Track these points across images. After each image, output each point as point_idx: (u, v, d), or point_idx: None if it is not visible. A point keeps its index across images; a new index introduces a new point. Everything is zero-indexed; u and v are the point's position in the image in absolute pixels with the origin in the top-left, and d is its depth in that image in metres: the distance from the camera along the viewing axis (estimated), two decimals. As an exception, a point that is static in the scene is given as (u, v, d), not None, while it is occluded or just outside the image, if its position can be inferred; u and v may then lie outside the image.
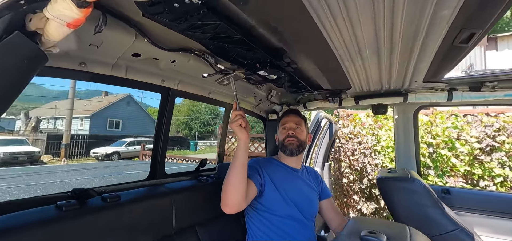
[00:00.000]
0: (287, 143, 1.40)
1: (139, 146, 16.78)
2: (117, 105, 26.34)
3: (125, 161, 15.94)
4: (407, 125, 1.79)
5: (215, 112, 43.08)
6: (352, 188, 3.59)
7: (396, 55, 1.03)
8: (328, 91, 1.78)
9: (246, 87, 1.59)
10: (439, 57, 1.05)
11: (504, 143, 2.72)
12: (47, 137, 16.36)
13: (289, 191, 1.33)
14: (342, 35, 0.89)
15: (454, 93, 1.46)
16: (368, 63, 1.16)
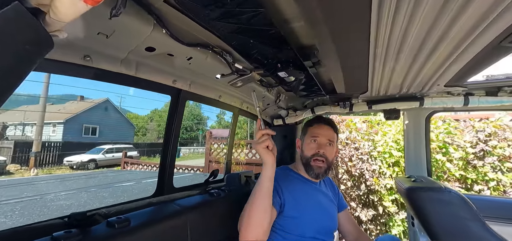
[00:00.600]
0: (314, 165, 1.21)
1: (119, 153, 15.93)
2: (94, 110, 24.95)
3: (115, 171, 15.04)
4: (419, 131, 1.75)
5: (198, 117, 42.21)
6: (349, 195, 3.55)
7: (436, 55, 0.96)
8: (340, 95, 1.70)
9: (257, 91, 1.47)
10: (476, 58, 0.99)
11: (495, 148, 2.80)
12: (14, 145, 15.05)
13: (310, 209, 1.20)
14: (392, 30, 0.80)
15: (470, 98, 1.44)
16: (401, 65, 1.09)
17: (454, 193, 1.05)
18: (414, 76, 1.28)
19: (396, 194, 3.18)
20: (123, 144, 20.41)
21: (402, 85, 1.40)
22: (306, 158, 1.23)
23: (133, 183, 8.85)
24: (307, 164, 1.22)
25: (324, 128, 1.25)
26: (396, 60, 1.05)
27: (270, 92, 1.56)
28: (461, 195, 1.04)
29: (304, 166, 1.24)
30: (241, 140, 6.64)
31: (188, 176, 9.78)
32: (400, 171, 3.16)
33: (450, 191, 1.05)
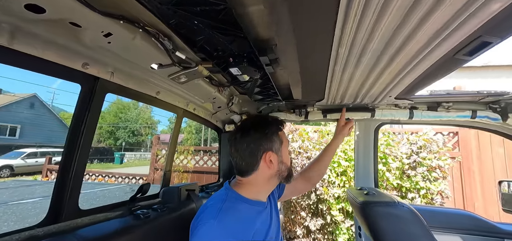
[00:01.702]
0: (293, 172, 1.10)
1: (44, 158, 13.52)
2: (14, 107, 20.89)
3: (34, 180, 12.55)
4: (368, 142, 1.78)
5: (149, 122, 39.10)
6: (299, 204, 3.54)
7: (395, 62, 0.91)
8: (296, 102, 1.61)
9: (206, 90, 1.26)
10: (429, 70, 0.98)
11: (425, 159, 3.12)
12: None
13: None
14: (357, 31, 0.70)
15: (415, 111, 1.50)
16: (360, 71, 1.02)
17: (406, 207, 1.02)
18: (370, 86, 1.25)
19: (343, 203, 3.29)
20: (52, 148, 17.45)
21: (358, 94, 1.37)
22: (288, 168, 1.02)
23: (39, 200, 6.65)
24: (289, 175, 1.03)
25: None
26: (356, 66, 0.98)
27: (222, 92, 1.38)
28: (412, 209, 1.02)
29: (286, 178, 1.02)
30: (190, 146, 6.22)
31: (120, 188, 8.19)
32: (347, 180, 3.28)
33: (403, 205, 1.02)
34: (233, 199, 0.93)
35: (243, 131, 0.97)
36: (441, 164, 3.10)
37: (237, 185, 1.00)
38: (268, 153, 0.95)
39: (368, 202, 1.08)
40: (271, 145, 0.97)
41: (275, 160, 0.98)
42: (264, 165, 0.96)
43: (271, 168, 0.97)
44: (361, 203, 1.12)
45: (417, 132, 3.51)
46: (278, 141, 1.00)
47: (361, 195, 1.25)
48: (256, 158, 0.95)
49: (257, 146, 0.95)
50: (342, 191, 3.26)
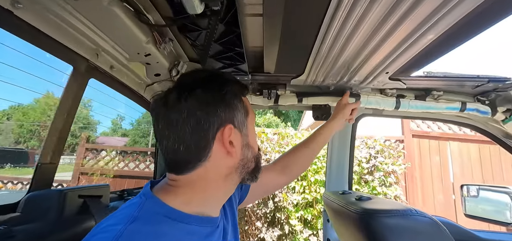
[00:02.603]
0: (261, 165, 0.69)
1: None
2: None
3: None
4: (345, 137, 1.50)
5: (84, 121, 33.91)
6: (255, 213, 3.15)
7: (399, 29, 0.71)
8: (266, 78, 1.23)
9: (130, 32, 0.77)
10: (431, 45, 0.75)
11: (382, 164, 3.09)
12: None
13: None
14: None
15: (402, 100, 1.27)
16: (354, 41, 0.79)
17: (428, 218, 0.70)
18: (364, 59, 0.96)
19: (302, 210, 3.03)
20: None
21: (347, 71, 1.06)
22: (255, 157, 0.64)
23: None
24: (256, 168, 0.65)
25: None
26: (350, 34, 0.76)
27: (160, 47, 0.89)
28: (435, 220, 0.71)
29: (251, 174, 0.63)
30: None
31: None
32: (307, 185, 3.03)
33: (424, 215, 0.70)
34: (151, 214, 0.50)
35: (181, 91, 0.54)
36: (396, 169, 3.10)
37: (165, 190, 0.56)
38: (227, 129, 0.54)
39: (374, 211, 0.74)
40: (232, 115, 0.56)
41: (238, 142, 0.58)
42: (219, 150, 0.55)
43: (232, 156, 0.56)
44: (361, 213, 0.78)
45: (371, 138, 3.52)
46: (242, 111, 0.59)
47: (352, 202, 0.91)
48: (205, 138, 0.53)
49: (207, 115, 0.53)
50: (302, 197, 3.00)
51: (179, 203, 0.53)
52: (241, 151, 0.59)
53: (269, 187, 0.99)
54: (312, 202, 3.02)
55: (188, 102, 0.52)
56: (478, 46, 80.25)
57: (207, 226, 0.57)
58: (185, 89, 0.55)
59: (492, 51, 74.82)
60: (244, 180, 0.64)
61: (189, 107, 0.52)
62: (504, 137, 1.35)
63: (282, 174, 0.99)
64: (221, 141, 0.54)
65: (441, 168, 4.49)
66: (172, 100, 0.54)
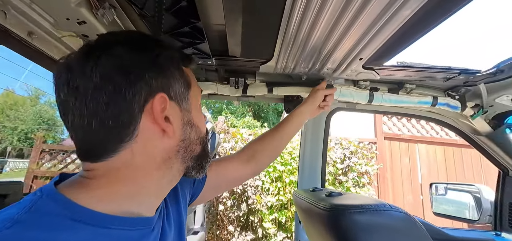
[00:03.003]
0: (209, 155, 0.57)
1: None
2: None
3: None
4: (318, 132, 1.42)
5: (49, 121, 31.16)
6: (228, 217, 3.00)
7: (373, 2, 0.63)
8: (233, 64, 1.11)
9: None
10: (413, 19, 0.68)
11: (356, 164, 3.10)
12: None
13: None
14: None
15: (375, 94, 1.22)
16: (323, 21, 0.72)
17: (402, 213, 0.62)
18: (334, 46, 0.89)
19: (276, 213, 2.93)
20: None
21: (318, 56, 0.97)
22: (201, 139, 0.53)
23: None
24: (203, 154, 0.53)
25: None
26: (319, 11, 0.67)
27: (99, 16, 0.74)
28: (409, 215, 0.63)
29: (197, 163, 0.52)
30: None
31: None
32: (282, 186, 2.95)
33: (399, 210, 0.62)
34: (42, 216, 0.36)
35: (93, 49, 0.42)
36: (369, 169, 3.13)
37: (75, 184, 0.42)
38: (158, 99, 0.43)
39: (344, 207, 0.65)
40: (166, 83, 0.45)
41: (177, 118, 0.47)
42: (150, 127, 0.43)
43: (169, 135, 0.45)
44: (330, 209, 0.68)
45: (346, 139, 3.55)
46: (181, 81, 0.48)
47: (322, 198, 0.81)
48: (128, 111, 0.41)
49: (130, 80, 0.41)
50: (276, 199, 2.91)
51: (94, 200, 0.40)
52: (181, 129, 0.47)
53: (232, 178, 0.87)
54: (287, 204, 2.94)
55: (101, 61, 0.40)
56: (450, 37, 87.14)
57: (136, 229, 0.44)
58: (99, 46, 0.42)
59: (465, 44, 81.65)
60: (190, 172, 0.52)
61: (104, 69, 0.40)
62: (472, 133, 1.35)
63: (248, 164, 0.88)
64: (152, 115, 0.43)
65: (410, 170, 4.66)
66: (78, 59, 0.41)
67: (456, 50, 57.65)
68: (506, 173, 1.43)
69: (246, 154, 0.88)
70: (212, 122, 2.11)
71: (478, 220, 1.55)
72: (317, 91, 1.06)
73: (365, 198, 0.73)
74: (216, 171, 0.79)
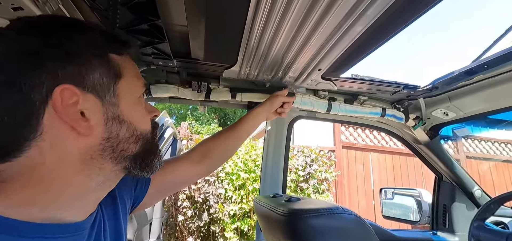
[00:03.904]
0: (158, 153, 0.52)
1: None
2: None
3: None
4: (280, 139, 1.45)
5: None
6: (187, 228, 2.87)
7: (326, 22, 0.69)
8: (193, 68, 1.08)
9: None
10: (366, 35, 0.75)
11: (317, 171, 3.24)
12: None
13: None
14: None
15: (333, 103, 1.29)
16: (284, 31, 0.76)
17: (354, 215, 0.66)
18: (295, 55, 0.93)
19: (239, 221, 2.90)
20: None
21: (280, 66, 1.00)
22: (140, 136, 0.47)
23: None
24: (146, 152, 0.48)
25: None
26: (279, 25, 0.73)
27: (41, 4, 0.66)
28: (359, 217, 0.67)
29: (136, 161, 0.46)
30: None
31: None
32: (245, 194, 2.93)
33: (351, 213, 0.65)
34: None
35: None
36: (328, 177, 3.29)
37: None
38: (62, 90, 0.37)
39: (301, 211, 0.66)
40: (78, 72, 0.39)
41: (97, 113, 0.41)
42: (57, 124, 0.38)
43: (80, 133, 0.39)
44: (288, 214, 0.69)
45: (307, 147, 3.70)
46: (104, 68, 0.42)
47: (281, 203, 0.82)
48: (25, 106, 0.36)
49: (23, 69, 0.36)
50: (239, 207, 2.88)
51: (7, 206, 0.35)
52: (103, 126, 0.41)
53: (181, 179, 0.81)
54: (249, 212, 2.93)
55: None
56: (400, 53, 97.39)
57: (61, 237, 0.39)
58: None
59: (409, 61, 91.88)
60: (131, 171, 0.47)
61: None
62: (413, 142, 1.51)
63: (200, 163, 0.83)
64: (57, 109, 0.37)
65: (364, 176, 5.04)
66: None
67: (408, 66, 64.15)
68: (440, 178, 1.63)
69: (199, 153, 0.84)
70: (173, 127, 2.02)
71: (419, 221, 1.72)
72: (276, 97, 1.08)
73: (321, 202, 0.76)
74: (162, 173, 0.72)
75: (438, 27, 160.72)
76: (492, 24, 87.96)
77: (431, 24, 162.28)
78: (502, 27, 16.84)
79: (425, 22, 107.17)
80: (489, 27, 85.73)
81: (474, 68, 0.95)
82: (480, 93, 1.08)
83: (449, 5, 51.38)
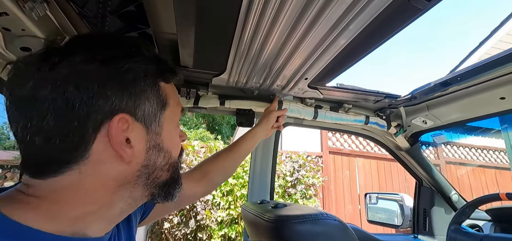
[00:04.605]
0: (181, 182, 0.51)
1: None
2: None
3: None
4: (267, 145, 1.47)
5: None
6: (174, 235, 2.81)
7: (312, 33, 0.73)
8: (183, 75, 1.08)
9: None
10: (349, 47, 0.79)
11: (304, 177, 3.28)
12: None
13: None
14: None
15: (319, 111, 1.33)
16: (272, 41, 0.79)
17: (337, 221, 0.69)
18: (283, 64, 0.96)
19: (226, 228, 2.88)
20: None
21: (269, 73, 1.03)
22: (171, 164, 0.47)
23: None
24: (172, 181, 0.47)
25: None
26: (267, 35, 0.75)
27: (27, 9, 0.65)
28: (342, 222, 0.70)
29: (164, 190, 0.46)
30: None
31: None
32: (233, 200, 2.92)
33: (334, 219, 0.68)
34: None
35: (47, 55, 0.36)
36: (315, 182, 3.34)
37: (13, 200, 0.36)
38: (117, 121, 0.37)
39: (286, 218, 0.68)
40: (132, 103, 0.39)
41: (141, 141, 0.41)
42: (104, 149, 0.37)
43: (124, 160, 0.39)
44: (274, 220, 0.71)
45: (295, 153, 3.75)
46: (155, 99, 0.42)
47: (268, 210, 0.84)
48: (80, 131, 0.36)
49: (85, 96, 0.35)
50: (227, 213, 2.86)
51: (37, 219, 0.35)
52: (144, 154, 0.41)
53: (183, 197, 0.82)
54: (237, 219, 2.92)
55: (56, 69, 0.35)
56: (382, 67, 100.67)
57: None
58: (59, 51, 0.37)
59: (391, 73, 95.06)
60: (155, 199, 0.46)
61: (56, 80, 0.34)
62: (395, 149, 1.58)
63: (200, 183, 0.86)
64: (108, 137, 0.37)
65: (350, 181, 5.14)
66: (33, 62, 0.36)
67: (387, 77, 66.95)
68: (421, 183, 1.70)
69: (199, 173, 0.87)
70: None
71: (401, 225, 1.78)
72: (270, 113, 1.09)
73: (306, 208, 0.78)
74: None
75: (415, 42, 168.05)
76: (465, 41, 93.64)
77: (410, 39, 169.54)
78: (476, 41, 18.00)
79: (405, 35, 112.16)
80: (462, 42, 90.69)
81: (448, 80, 1.01)
82: (455, 103, 1.15)
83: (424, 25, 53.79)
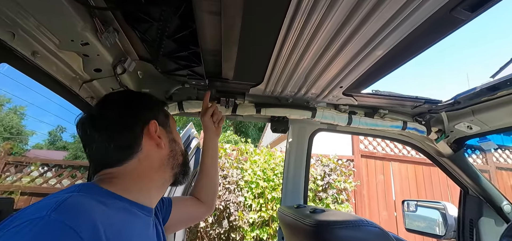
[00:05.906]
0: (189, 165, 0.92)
1: None
2: None
3: None
4: (301, 151, 1.51)
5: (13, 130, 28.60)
6: (208, 234, 2.96)
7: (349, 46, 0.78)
8: (224, 86, 1.17)
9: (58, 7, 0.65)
10: (388, 56, 0.81)
11: (336, 181, 3.23)
12: None
13: None
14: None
15: (353, 117, 1.33)
16: (309, 54, 0.85)
17: (378, 228, 0.71)
18: (319, 74, 1.00)
19: (258, 229, 2.94)
20: None
21: (303, 83, 1.07)
22: (182, 152, 0.77)
23: None
24: (185, 164, 0.77)
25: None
26: (305, 49, 0.82)
27: (102, 37, 0.78)
28: (383, 230, 0.71)
29: (182, 170, 0.75)
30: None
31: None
32: (264, 202, 2.98)
33: (374, 226, 0.70)
34: (93, 192, 0.55)
35: (106, 103, 0.70)
36: (347, 186, 3.27)
37: (101, 181, 0.61)
38: (152, 124, 0.67)
39: (327, 223, 0.72)
40: (153, 115, 0.70)
41: (165, 136, 0.71)
42: (149, 142, 0.66)
43: (161, 147, 0.68)
44: (315, 225, 0.75)
45: (326, 157, 3.69)
46: (162, 113, 0.75)
47: (306, 214, 0.88)
48: (134, 133, 0.64)
49: (133, 116, 0.67)
50: (258, 215, 2.93)
51: (118, 190, 0.58)
52: (169, 144, 0.71)
53: (191, 215, 1.01)
54: (268, 221, 2.97)
55: (113, 111, 0.66)
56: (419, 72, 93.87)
57: (145, 215, 0.63)
58: (109, 102, 0.70)
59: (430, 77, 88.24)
60: (177, 177, 0.73)
61: (117, 114, 0.65)
62: (437, 155, 1.51)
63: (199, 201, 1.01)
64: (149, 135, 0.66)
65: (384, 187, 4.90)
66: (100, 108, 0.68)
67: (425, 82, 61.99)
68: (466, 192, 1.59)
69: (196, 192, 1.02)
70: (198, 137, 2.13)
71: (444, 236, 1.69)
72: (204, 117, 1.08)
73: (345, 214, 0.81)
74: (179, 206, 0.92)
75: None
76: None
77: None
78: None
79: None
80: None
81: (497, 84, 0.96)
82: (506, 108, 1.08)
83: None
